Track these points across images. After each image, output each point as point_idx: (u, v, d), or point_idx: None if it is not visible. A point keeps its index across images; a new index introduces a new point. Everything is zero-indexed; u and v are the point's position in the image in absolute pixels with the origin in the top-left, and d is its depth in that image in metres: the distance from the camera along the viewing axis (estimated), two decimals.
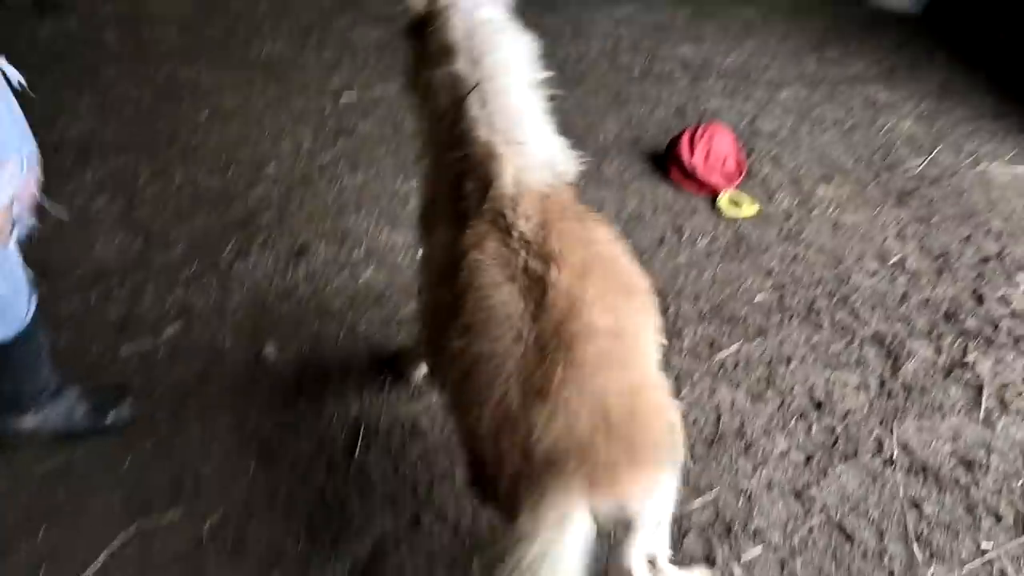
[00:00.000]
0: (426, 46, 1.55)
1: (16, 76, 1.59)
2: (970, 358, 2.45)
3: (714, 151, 3.22)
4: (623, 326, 1.26)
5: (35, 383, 1.84)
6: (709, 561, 1.82)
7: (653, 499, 1.23)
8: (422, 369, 2.18)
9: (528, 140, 1.44)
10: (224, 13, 4.66)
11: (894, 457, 2.11)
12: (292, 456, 1.96)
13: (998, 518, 1.97)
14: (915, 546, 1.88)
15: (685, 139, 3.26)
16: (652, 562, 1.40)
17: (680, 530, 1.86)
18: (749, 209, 3.13)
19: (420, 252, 1.74)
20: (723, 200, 3.16)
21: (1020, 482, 2.06)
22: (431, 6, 1.55)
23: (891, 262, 2.89)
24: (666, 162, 3.34)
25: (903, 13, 5.60)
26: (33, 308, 1.74)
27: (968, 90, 4.40)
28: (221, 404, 2.11)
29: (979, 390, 2.34)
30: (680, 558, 1.78)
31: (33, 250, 1.73)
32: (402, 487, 1.90)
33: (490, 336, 1.24)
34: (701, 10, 5.39)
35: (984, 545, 1.90)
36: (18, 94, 1.60)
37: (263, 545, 1.74)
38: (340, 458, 1.97)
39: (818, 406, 2.26)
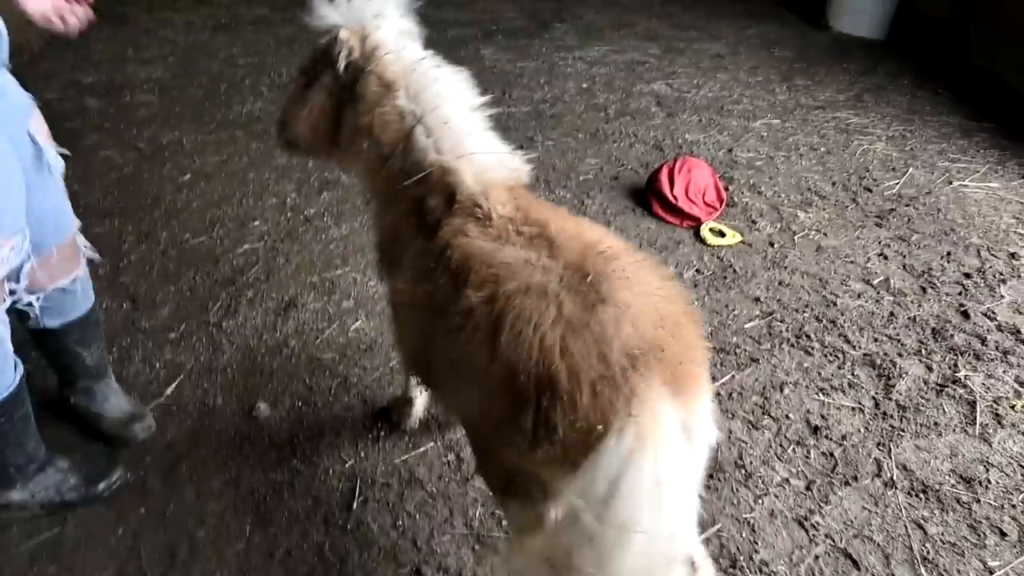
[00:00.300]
0: (361, 88, 1.58)
1: (57, 162, 1.72)
2: (961, 374, 2.47)
3: (694, 183, 3.27)
4: (633, 252, 1.33)
5: (21, 455, 1.81)
6: None
7: (705, 419, 1.22)
8: (416, 417, 2.16)
9: (476, 150, 1.51)
10: (203, 75, 4.74)
11: (894, 479, 2.11)
12: (289, 514, 1.93)
13: (1003, 534, 1.96)
14: (922, 569, 1.86)
15: (664, 173, 3.32)
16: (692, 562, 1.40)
17: None
18: (732, 238, 3.17)
19: (385, 285, 1.74)
20: (706, 230, 3.20)
21: (1021, 496, 2.05)
22: (363, 49, 1.58)
23: (875, 282, 2.93)
24: (647, 196, 3.39)
25: (868, 39, 5.78)
26: (19, 377, 1.73)
27: (935, 110, 4.52)
28: (214, 465, 2.07)
29: (973, 405, 2.35)
30: None
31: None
32: (402, 539, 1.87)
33: (517, 275, 1.25)
34: (671, 47, 5.54)
35: (991, 563, 1.88)
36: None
37: None
38: (338, 513, 1.94)
39: (815, 431, 2.26)
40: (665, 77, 4.97)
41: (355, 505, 1.96)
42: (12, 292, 1.67)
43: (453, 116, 1.53)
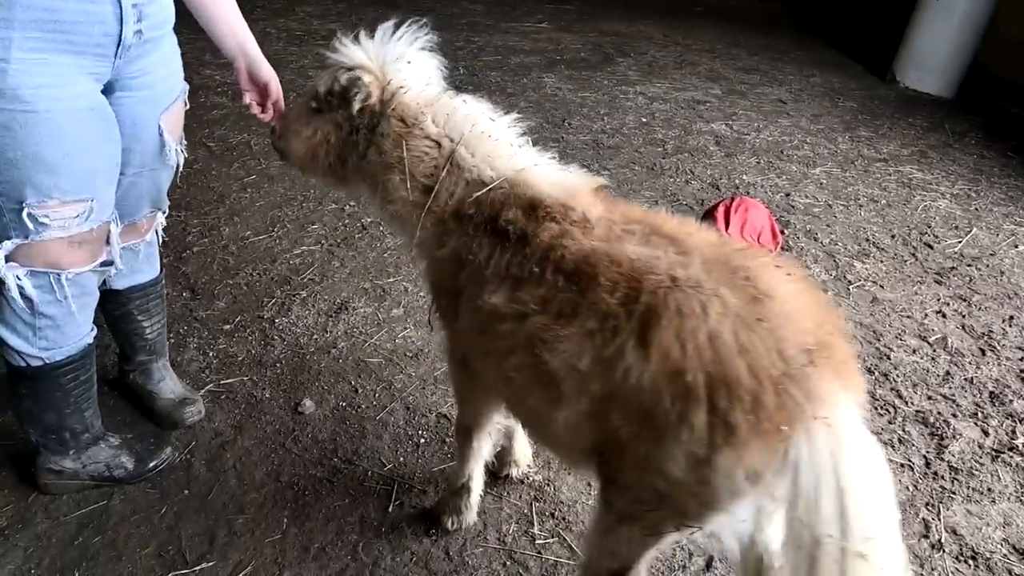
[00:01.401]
0: (383, 129, 1.53)
1: (176, 156, 1.84)
2: (1019, 441, 2.38)
3: (750, 223, 3.25)
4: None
5: (79, 420, 1.88)
6: None
7: None
8: (475, 510, 1.92)
9: (536, 162, 1.47)
10: None
11: (942, 541, 2.03)
12: (326, 511, 1.95)
13: None
14: None
15: (720, 211, 3.31)
16: None
17: None
18: None
19: (444, 329, 1.64)
20: None
21: None
22: (382, 95, 1.54)
23: (932, 340, 2.85)
24: None
25: (935, 96, 5.70)
26: (90, 340, 1.81)
27: (1003, 172, 4.42)
28: (257, 456, 2.11)
29: None
30: None
31: None
32: (435, 548, 1.87)
33: (655, 269, 1.18)
34: (733, 89, 5.55)
35: None
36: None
37: None
38: (374, 514, 1.95)
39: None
40: (725, 118, 4.97)
41: (391, 508, 1.97)
42: (107, 263, 1.76)
43: (495, 130, 1.50)
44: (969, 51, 5.56)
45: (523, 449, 2.05)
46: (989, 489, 2.21)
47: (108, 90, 1.63)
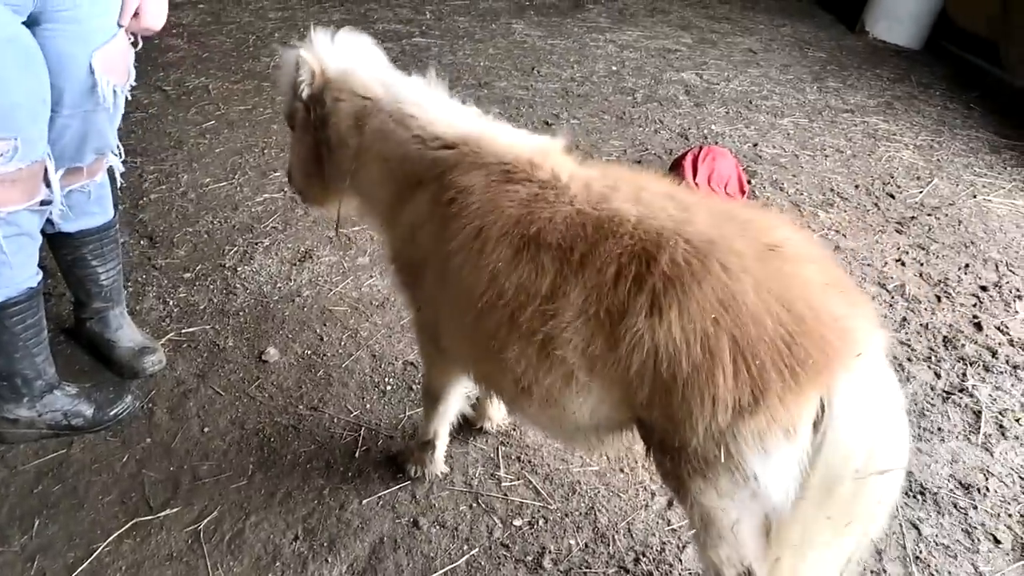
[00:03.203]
0: (331, 107, 1.55)
1: (111, 96, 1.76)
2: (969, 383, 2.46)
3: (717, 172, 3.25)
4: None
5: (30, 366, 1.83)
6: None
7: None
8: (440, 463, 1.92)
9: (490, 125, 1.46)
10: (233, 25, 4.72)
11: None
12: (291, 457, 1.95)
13: (996, 541, 1.96)
14: (913, 567, 1.87)
15: (688, 160, 3.30)
16: None
17: (680, 545, 1.85)
18: None
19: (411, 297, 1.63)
20: None
21: (1018, 507, 2.06)
22: (326, 76, 1.56)
23: (891, 287, 2.92)
24: None
25: (903, 47, 5.72)
26: (38, 283, 1.77)
27: (965, 124, 4.47)
28: (221, 404, 2.09)
29: (978, 415, 2.35)
30: (679, 572, 1.77)
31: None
32: (402, 491, 1.88)
33: (653, 222, 1.16)
34: (704, 38, 5.49)
35: (983, 568, 1.89)
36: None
37: (260, 544, 1.72)
38: (340, 460, 1.95)
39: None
40: (696, 67, 4.93)
41: (357, 454, 1.98)
42: (46, 202, 1.71)
43: (438, 97, 1.52)
44: (938, 2, 5.57)
45: (499, 406, 2.05)
46: (939, 428, 2.29)
47: (33, 22, 1.53)
